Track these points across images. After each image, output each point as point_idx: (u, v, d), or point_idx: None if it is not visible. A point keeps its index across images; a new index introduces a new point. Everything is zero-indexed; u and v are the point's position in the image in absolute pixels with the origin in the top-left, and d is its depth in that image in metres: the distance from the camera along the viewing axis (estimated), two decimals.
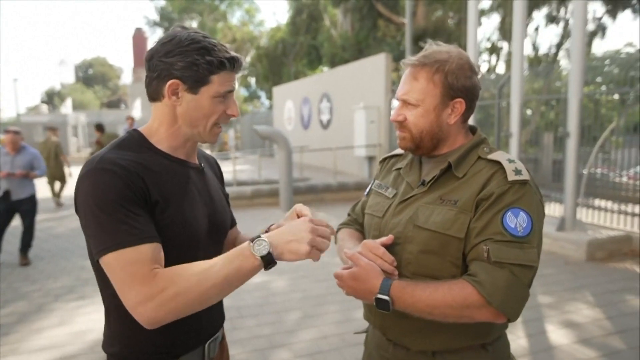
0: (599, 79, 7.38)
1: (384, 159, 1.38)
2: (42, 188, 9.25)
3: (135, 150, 1.02)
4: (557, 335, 3.35)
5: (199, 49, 0.99)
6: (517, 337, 3.28)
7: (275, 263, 0.94)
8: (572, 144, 5.58)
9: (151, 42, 1.06)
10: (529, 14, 15.58)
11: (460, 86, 1.10)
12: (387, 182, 1.28)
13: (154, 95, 1.05)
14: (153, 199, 0.98)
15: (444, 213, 1.07)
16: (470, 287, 0.98)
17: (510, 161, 1.07)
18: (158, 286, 0.89)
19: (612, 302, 3.97)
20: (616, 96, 6.70)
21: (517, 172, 1.05)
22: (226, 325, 1.21)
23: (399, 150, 1.32)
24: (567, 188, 5.68)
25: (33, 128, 22.70)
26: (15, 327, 3.52)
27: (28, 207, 5.15)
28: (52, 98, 56.89)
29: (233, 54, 1.04)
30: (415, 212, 1.12)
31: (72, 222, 7.45)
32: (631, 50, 18.35)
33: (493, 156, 1.10)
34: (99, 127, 9.29)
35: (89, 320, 3.59)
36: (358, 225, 1.38)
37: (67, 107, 24.86)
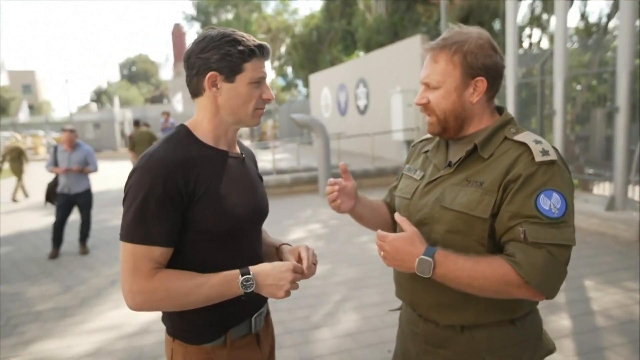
0: None
1: (415, 144, 1.41)
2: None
3: (182, 144, 1.12)
4: (602, 316, 3.27)
5: (230, 41, 1.09)
6: (560, 318, 3.23)
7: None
8: (621, 119, 5.31)
9: (189, 37, 1.16)
10: None
11: (481, 65, 1.11)
12: (416, 165, 1.31)
13: (195, 91, 1.15)
14: (194, 191, 1.08)
15: (469, 194, 1.09)
16: (508, 266, 1.00)
17: (537, 142, 1.07)
18: (152, 285, 1.04)
19: None
20: None
21: (544, 152, 1.05)
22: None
23: (429, 134, 1.34)
24: (617, 165, 5.43)
25: (84, 126, 23.99)
26: (78, 309, 3.83)
27: (85, 200, 5.52)
28: (100, 96, 59.63)
29: (260, 42, 1.13)
30: (442, 193, 1.15)
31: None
32: None
33: (519, 137, 1.10)
34: (136, 123, 10.14)
35: None
36: (390, 207, 1.43)
37: (115, 105, 25.99)
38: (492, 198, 1.06)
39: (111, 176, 12.86)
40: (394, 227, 1.39)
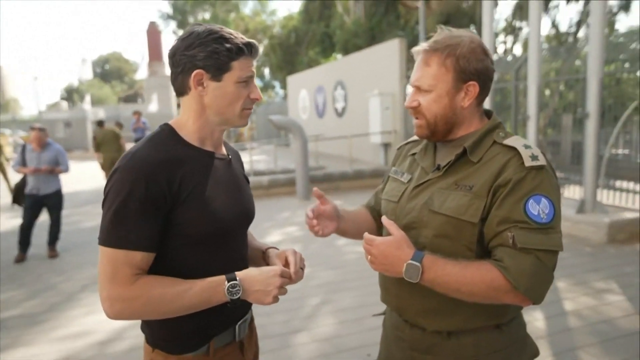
0: (622, 56, 7.18)
1: (401, 146, 1.40)
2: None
3: (166, 144, 1.08)
4: (575, 317, 3.35)
5: (217, 38, 1.05)
6: (534, 319, 3.29)
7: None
8: (591, 124, 5.48)
9: (165, 36, 1.12)
10: None
11: (473, 69, 1.10)
12: (403, 168, 1.30)
13: (180, 89, 1.11)
14: (179, 193, 1.04)
15: (458, 198, 1.08)
16: (496, 271, 1.00)
17: (527, 147, 1.07)
18: (132, 293, 0.99)
19: (633, 283, 3.94)
20: (638, 73, 6.52)
21: (534, 157, 1.05)
22: None
23: (415, 137, 1.34)
24: (587, 170, 5.60)
25: (54, 124, 23.25)
26: (47, 315, 3.69)
27: (55, 202, 5.32)
28: (71, 95, 57.96)
29: (249, 39, 1.09)
30: (431, 197, 1.14)
31: (96, 217, 7.66)
32: None
33: (509, 141, 1.10)
34: (100, 123, 9.91)
35: None
36: (374, 210, 1.42)
37: (86, 103, 25.30)
38: (481, 202, 1.06)
39: (83, 176, 12.51)
40: (379, 231, 1.38)
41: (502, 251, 1.02)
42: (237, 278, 1.05)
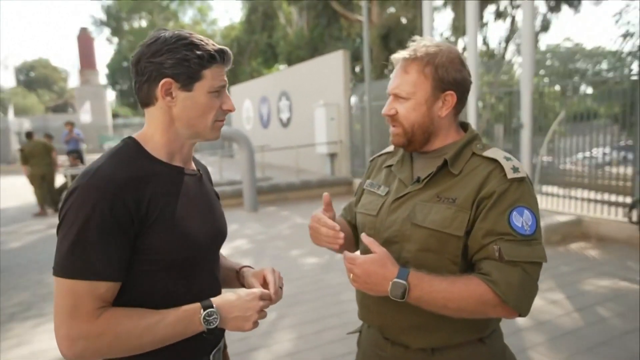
0: (542, 72, 7.79)
1: (374, 158, 1.37)
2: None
3: (131, 160, 0.97)
4: (524, 318, 3.49)
5: (187, 45, 0.97)
6: None
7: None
8: (526, 134, 5.84)
9: (98, 43, 1.01)
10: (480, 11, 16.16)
11: (451, 79, 1.10)
12: (379, 180, 1.26)
13: (145, 99, 1.00)
14: (147, 214, 0.94)
15: (442, 211, 1.07)
16: (484, 285, 0.98)
17: (507, 159, 1.08)
18: (97, 329, 0.88)
19: (570, 282, 4.20)
20: (557, 87, 7.09)
21: (515, 169, 1.05)
22: None
23: (388, 149, 1.32)
24: None
25: None
26: None
27: None
28: None
29: (221, 46, 1.02)
30: (412, 210, 1.11)
31: (23, 237, 7.03)
32: (569, 44, 19.46)
33: (488, 153, 1.10)
34: (28, 135, 9.12)
35: (51, 338, 3.40)
36: (350, 224, 1.37)
37: (9, 113, 23.33)
38: (466, 215, 1.05)
39: (7, 192, 11.48)
40: (356, 245, 1.34)
41: (488, 264, 1.01)
42: (214, 305, 0.96)
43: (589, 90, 7.19)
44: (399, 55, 1.14)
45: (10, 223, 8.04)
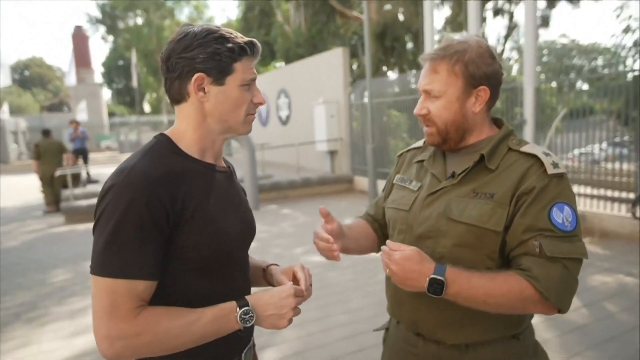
0: (538, 68, 7.80)
1: (402, 153, 1.35)
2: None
3: (165, 157, 0.96)
4: None
5: (218, 38, 0.95)
6: None
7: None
8: (529, 129, 5.85)
9: (93, 41, 0.98)
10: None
11: (482, 74, 1.08)
12: (410, 175, 1.25)
13: (177, 96, 0.98)
14: (182, 212, 0.92)
15: (480, 206, 1.05)
16: (525, 281, 0.97)
17: (547, 154, 1.06)
18: (135, 329, 0.87)
19: None
20: (554, 84, 7.10)
21: (555, 165, 1.04)
22: None
23: (417, 144, 1.30)
24: None
25: None
26: None
27: None
28: None
29: (250, 38, 1.00)
30: (448, 205, 1.09)
31: (20, 236, 6.98)
32: (565, 41, 19.49)
33: (526, 149, 1.09)
34: (45, 133, 9.25)
35: (57, 337, 3.37)
36: (375, 222, 1.36)
37: (4, 112, 23.13)
38: (504, 210, 1.03)
39: (4, 192, 11.40)
40: (380, 243, 1.32)
41: (528, 260, 1.00)
42: (249, 303, 0.94)
43: (585, 87, 7.20)
44: (426, 55, 1.12)
45: (9, 222, 7.98)
